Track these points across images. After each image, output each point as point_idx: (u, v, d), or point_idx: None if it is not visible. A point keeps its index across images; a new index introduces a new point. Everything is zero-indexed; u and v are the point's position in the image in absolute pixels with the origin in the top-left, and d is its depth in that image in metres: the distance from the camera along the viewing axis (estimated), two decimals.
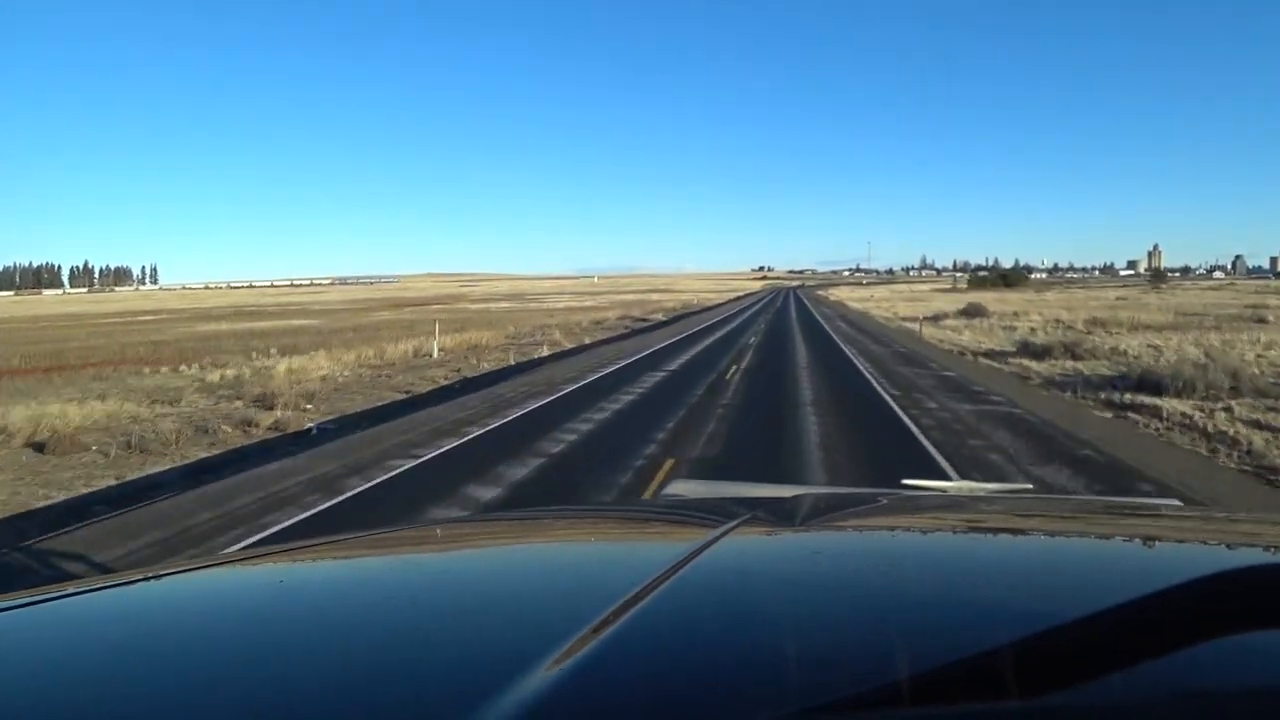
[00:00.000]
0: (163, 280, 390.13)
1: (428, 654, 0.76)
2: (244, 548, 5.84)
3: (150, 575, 1.10)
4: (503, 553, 1.35)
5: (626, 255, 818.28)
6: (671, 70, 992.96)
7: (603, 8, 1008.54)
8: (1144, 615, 0.57)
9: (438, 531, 1.81)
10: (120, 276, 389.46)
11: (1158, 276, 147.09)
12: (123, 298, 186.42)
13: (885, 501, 1.71)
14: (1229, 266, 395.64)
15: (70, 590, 0.98)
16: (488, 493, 7.90)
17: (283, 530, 6.74)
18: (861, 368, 19.01)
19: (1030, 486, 4.14)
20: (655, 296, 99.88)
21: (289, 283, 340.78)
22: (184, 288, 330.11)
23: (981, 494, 2.43)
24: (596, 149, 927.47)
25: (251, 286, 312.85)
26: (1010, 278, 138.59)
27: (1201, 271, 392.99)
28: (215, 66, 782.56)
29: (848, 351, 23.56)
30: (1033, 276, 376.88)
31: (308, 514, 7.19)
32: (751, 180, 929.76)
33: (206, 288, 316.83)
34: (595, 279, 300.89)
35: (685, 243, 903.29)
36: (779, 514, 1.41)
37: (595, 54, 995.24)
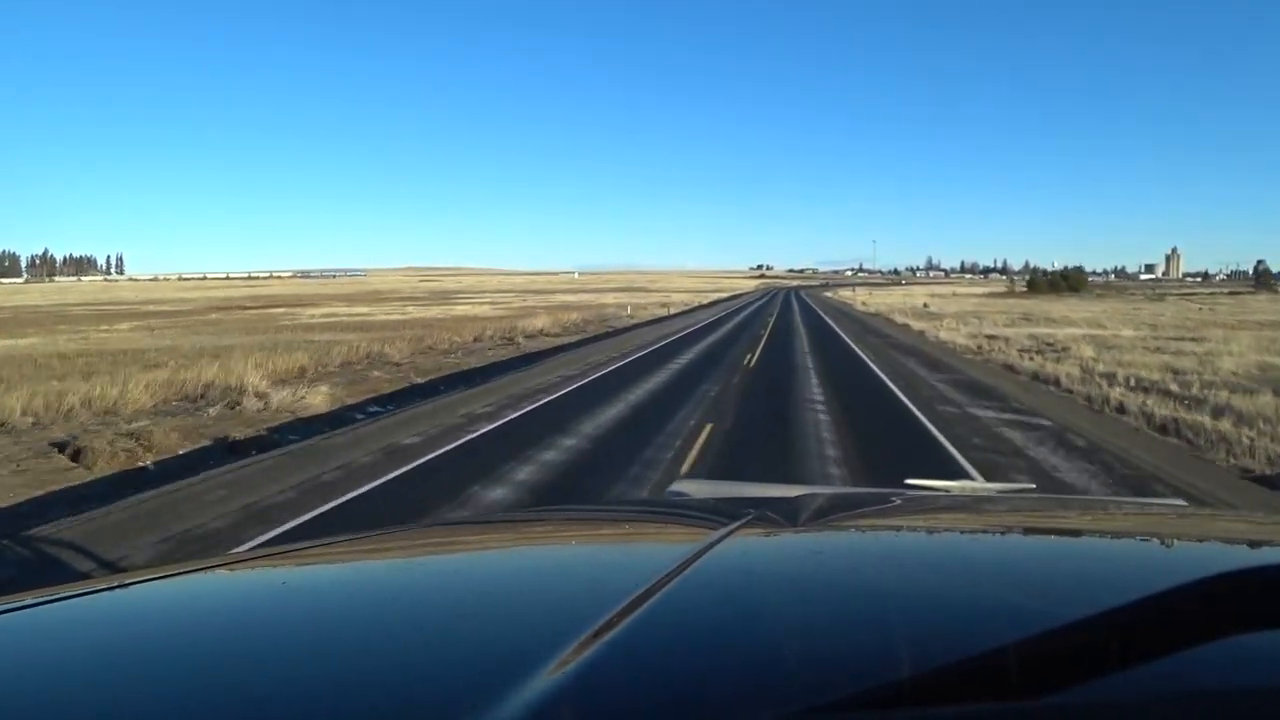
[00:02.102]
0: (129, 271, 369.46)
1: (431, 656, 0.75)
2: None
3: (150, 577, 1.09)
4: (506, 554, 1.33)
5: (626, 252, 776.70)
6: (672, 65, 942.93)
7: (600, 3, 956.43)
8: (1147, 615, 0.56)
9: (441, 533, 1.73)
10: (83, 266, 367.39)
11: (1264, 280, 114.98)
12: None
13: (888, 502, 1.68)
14: (1250, 272, 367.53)
15: (73, 592, 0.97)
16: None
17: None
18: None
19: (1033, 486, 3.64)
20: (609, 299, 71.75)
21: (247, 275, 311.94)
22: (131, 279, 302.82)
23: (984, 494, 2.39)
24: (596, 144, 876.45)
25: (204, 278, 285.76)
26: (1072, 279, 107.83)
27: (1223, 277, 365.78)
28: (203, 58, 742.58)
29: None
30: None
31: None
32: (752, 178, 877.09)
33: (155, 279, 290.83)
34: (576, 274, 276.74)
35: (684, 240, 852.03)
36: (782, 514, 1.38)
37: (591, 49, 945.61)
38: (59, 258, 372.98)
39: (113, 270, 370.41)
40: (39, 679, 0.73)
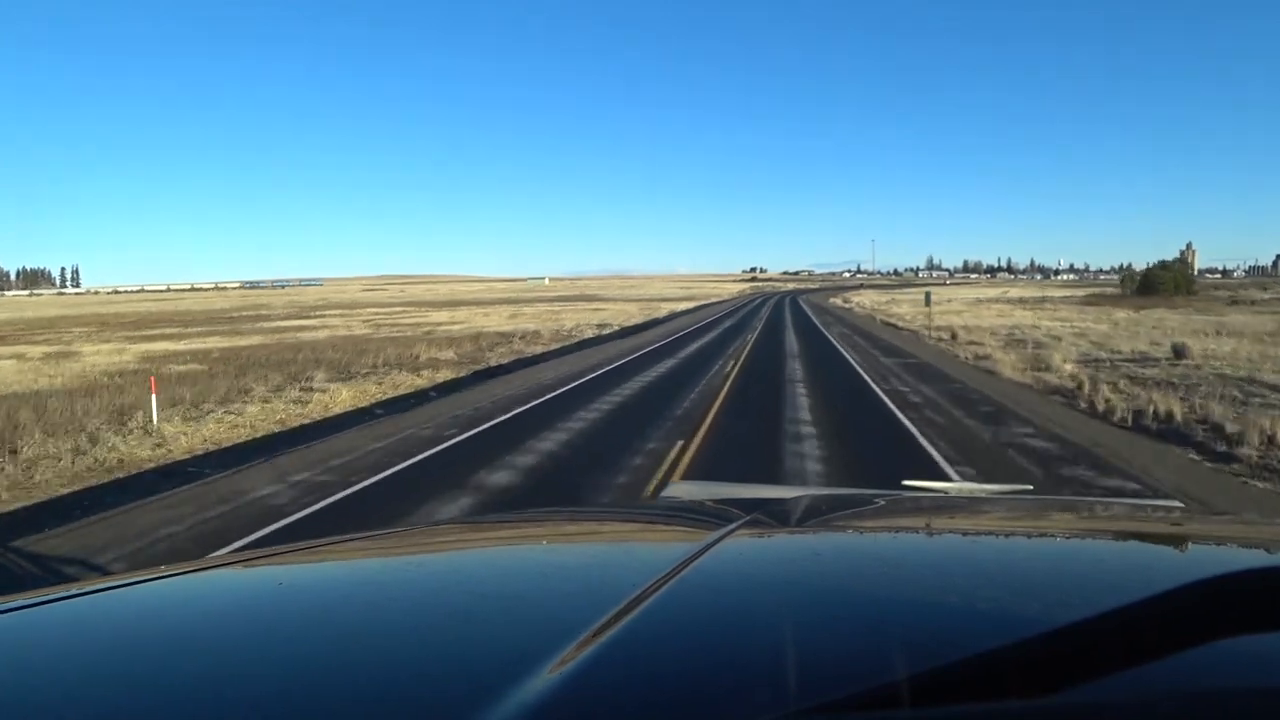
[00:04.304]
0: (85, 283, 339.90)
1: (429, 656, 0.74)
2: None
3: (149, 577, 1.06)
4: (504, 554, 1.31)
5: (616, 257, 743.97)
6: (660, 67, 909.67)
7: (587, 4, 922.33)
8: (1144, 617, 0.56)
9: (439, 533, 1.71)
10: (34, 279, 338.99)
11: None
12: None
13: (885, 502, 1.66)
14: (1269, 267, 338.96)
15: (71, 592, 0.96)
16: None
17: None
18: None
19: (1030, 488, 3.29)
20: (484, 321, 43.24)
21: (189, 286, 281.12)
22: (58, 292, 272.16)
23: (982, 495, 2.37)
24: (586, 148, 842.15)
25: (141, 290, 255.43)
26: (1179, 277, 75.51)
27: (1240, 273, 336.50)
28: (177, 67, 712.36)
29: None
30: (1059, 278, 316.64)
31: None
32: (745, 180, 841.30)
33: (87, 292, 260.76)
34: (546, 280, 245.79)
35: (675, 244, 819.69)
36: (779, 515, 1.37)
37: (577, 49, 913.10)
38: (12, 271, 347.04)
39: (68, 283, 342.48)
40: (38, 679, 0.72)
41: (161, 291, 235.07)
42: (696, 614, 0.78)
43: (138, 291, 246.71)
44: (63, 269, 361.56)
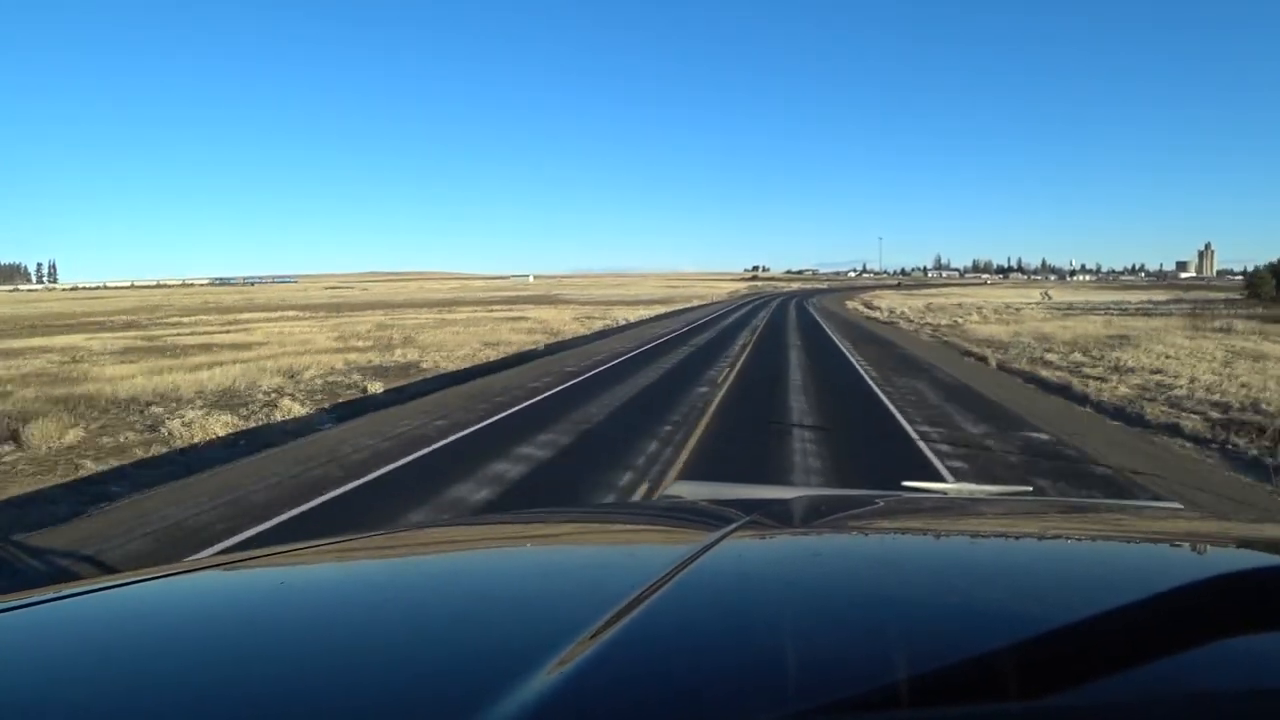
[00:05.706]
0: (62, 279, 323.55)
1: (429, 655, 0.73)
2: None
3: (149, 576, 1.04)
4: (503, 554, 1.30)
5: (618, 255, 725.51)
6: (662, 64, 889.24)
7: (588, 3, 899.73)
8: (1144, 617, 0.55)
9: (438, 533, 1.70)
10: (9, 274, 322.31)
11: None
12: None
13: (885, 503, 1.64)
14: None
15: (69, 591, 0.95)
16: None
17: None
18: None
19: (1029, 489, 3.07)
20: (303, 336, 23.64)
21: (156, 283, 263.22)
22: (13, 289, 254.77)
23: (981, 496, 2.35)
24: (587, 147, 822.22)
25: (104, 286, 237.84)
26: None
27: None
28: (161, 60, 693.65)
29: None
30: (1074, 279, 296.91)
31: None
32: (748, 178, 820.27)
33: (44, 289, 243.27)
34: (530, 278, 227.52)
35: (678, 242, 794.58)
36: (779, 516, 1.37)
37: (577, 45, 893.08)
38: None
39: (44, 278, 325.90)
40: (37, 678, 0.71)
41: (122, 288, 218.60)
42: (696, 614, 0.77)
43: (97, 288, 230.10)
44: (39, 264, 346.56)
